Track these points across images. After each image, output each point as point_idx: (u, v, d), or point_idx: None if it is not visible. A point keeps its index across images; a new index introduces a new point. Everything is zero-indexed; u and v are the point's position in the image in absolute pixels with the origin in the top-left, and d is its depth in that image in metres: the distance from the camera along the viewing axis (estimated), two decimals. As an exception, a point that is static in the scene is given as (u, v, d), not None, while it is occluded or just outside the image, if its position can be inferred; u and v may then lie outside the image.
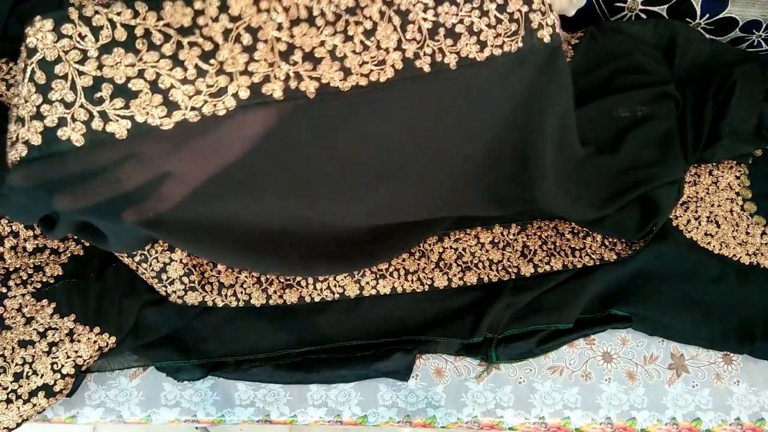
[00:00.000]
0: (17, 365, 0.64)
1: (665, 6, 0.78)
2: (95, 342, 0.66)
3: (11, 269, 0.68)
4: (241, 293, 0.70)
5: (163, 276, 0.67)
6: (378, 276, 0.73)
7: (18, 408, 0.63)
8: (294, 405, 0.72)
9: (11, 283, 0.67)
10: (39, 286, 0.68)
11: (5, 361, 0.64)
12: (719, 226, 0.78)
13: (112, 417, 0.70)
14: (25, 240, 0.69)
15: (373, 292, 0.72)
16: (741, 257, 0.77)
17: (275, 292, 0.71)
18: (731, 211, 0.79)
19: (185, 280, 0.68)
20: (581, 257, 0.75)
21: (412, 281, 0.73)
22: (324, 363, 0.71)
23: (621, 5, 0.81)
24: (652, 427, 0.72)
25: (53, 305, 0.66)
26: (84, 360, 0.66)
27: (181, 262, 0.67)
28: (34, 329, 0.65)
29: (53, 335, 0.65)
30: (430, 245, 0.75)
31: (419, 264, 0.74)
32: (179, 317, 0.70)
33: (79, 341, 0.66)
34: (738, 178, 0.80)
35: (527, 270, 0.74)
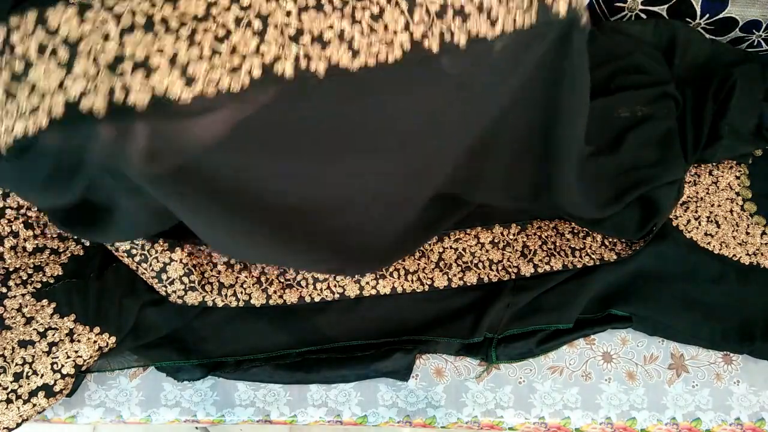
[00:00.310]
0: (17, 365, 0.64)
1: (665, 6, 0.78)
2: (95, 342, 0.66)
3: (11, 269, 0.68)
4: (241, 293, 0.70)
5: (163, 276, 0.67)
6: (378, 276, 0.73)
7: (18, 408, 0.63)
8: (294, 405, 0.72)
9: (11, 283, 0.67)
10: (39, 286, 0.68)
11: (5, 361, 0.64)
12: (719, 226, 0.78)
13: (112, 417, 0.70)
14: (25, 240, 0.69)
15: (373, 292, 0.72)
16: (741, 257, 0.77)
17: (275, 292, 0.71)
18: (731, 211, 0.79)
19: (185, 280, 0.68)
20: (581, 257, 0.75)
21: (412, 281, 0.73)
22: (324, 363, 0.71)
23: (621, 5, 0.81)
24: (652, 427, 0.72)
25: (53, 305, 0.66)
26: (84, 360, 0.66)
27: (181, 262, 0.67)
28: (34, 329, 0.65)
29: (53, 335, 0.65)
30: (430, 245, 0.75)
31: (419, 264, 0.74)
32: (179, 317, 0.70)
33: (79, 341, 0.66)
34: (738, 178, 0.80)
35: (527, 270, 0.74)
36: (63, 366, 0.65)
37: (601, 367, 0.74)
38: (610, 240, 0.77)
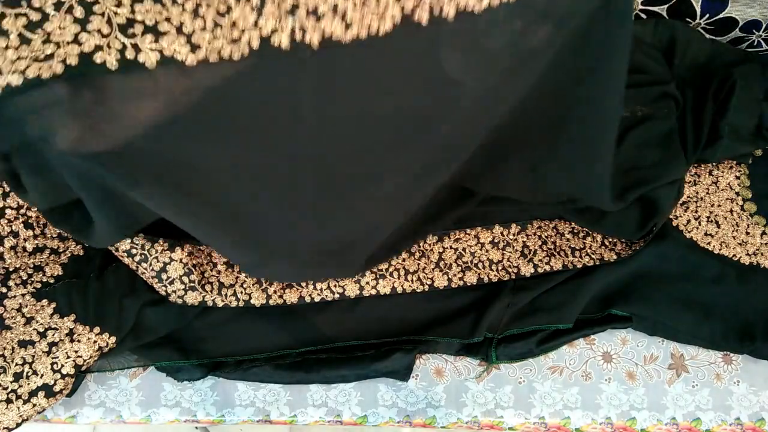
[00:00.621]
0: (17, 365, 0.64)
1: (665, 6, 0.78)
2: (95, 342, 0.66)
3: (11, 269, 0.68)
4: (241, 293, 0.70)
5: (163, 276, 0.67)
6: (378, 276, 0.73)
7: (18, 408, 0.63)
8: (294, 405, 0.72)
9: (11, 283, 0.67)
10: (39, 286, 0.68)
11: (5, 361, 0.64)
12: (719, 226, 0.78)
13: (112, 417, 0.70)
14: (25, 240, 0.69)
15: (373, 292, 0.72)
16: (741, 257, 0.77)
17: (275, 292, 0.71)
18: (731, 211, 0.79)
19: (185, 279, 0.68)
20: (581, 257, 0.75)
21: (412, 281, 0.73)
22: (324, 363, 0.71)
23: (621, 5, 0.81)
24: (652, 427, 0.72)
25: (53, 305, 0.66)
26: (84, 360, 0.66)
27: (181, 261, 0.67)
28: (34, 329, 0.65)
29: (53, 335, 0.65)
30: (430, 245, 0.75)
31: (419, 264, 0.74)
32: (179, 317, 0.70)
33: (79, 341, 0.66)
34: (738, 178, 0.80)
35: (527, 270, 0.74)
36: (63, 366, 0.65)
37: (601, 367, 0.74)
38: (610, 240, 0.77)
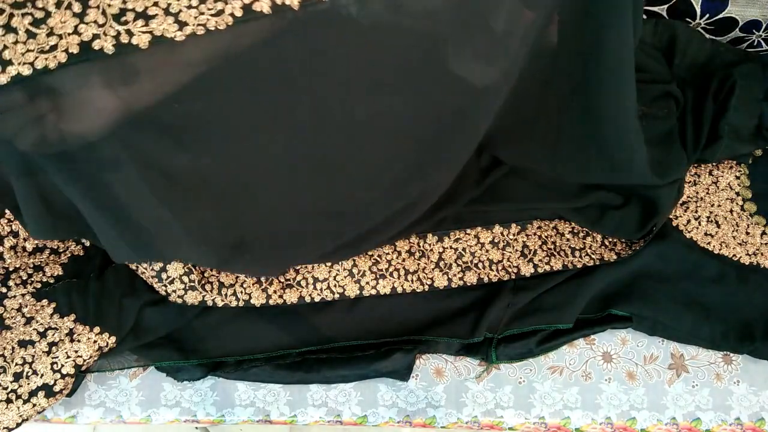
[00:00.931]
0: (17, 365, 0.64)
1: (665, 6, 0.78)
2: (95, 342, 0.66)
3: (11, 269, 0.68)
4: (241, 293, 0.70)
5: (163, 275, 0.67)
6: (378, 276, 0.73)
7: (18, 408, 0.63)
8: (294, 405, 0.72)
9: (11, 283, 0.67)
10: (39, 286, 0.68)
11: (5, 361, 0.64)
12: (719, 226, 0.78)
13: (112, 417, 0.70)
14: (25, 240, 0.69)
15: (373, 292, 0.72)
16: (741, 257, 0.77)
17: (275, 292, 0.71)
18: (731, 211, 0.79)
19: (185, 279, 0.68)
20: (581, 257, 0.75)
21: (412, 281, 0.73)
22: (324, 363, 0.71)
23: (621, 5, 0.81)
24: (652, 427, 0.72)
25: (53, 305, 0.66)
26: (84, 360, 0.66)
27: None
28: (34, 329, 0.65)
29: (53, 335, 0.65)
30: (430, 245, 0.75)
31: (419, 264, 0.74)
32: (179, 317, 0.70)
33: (79, 341, 0.66)
34: (738, 178, 0.80)
35: (527, 270, 0.74)
36: (63, 366, 0.65)
37: (601, 367, 0.74)
38: (610, 240, 0.77)
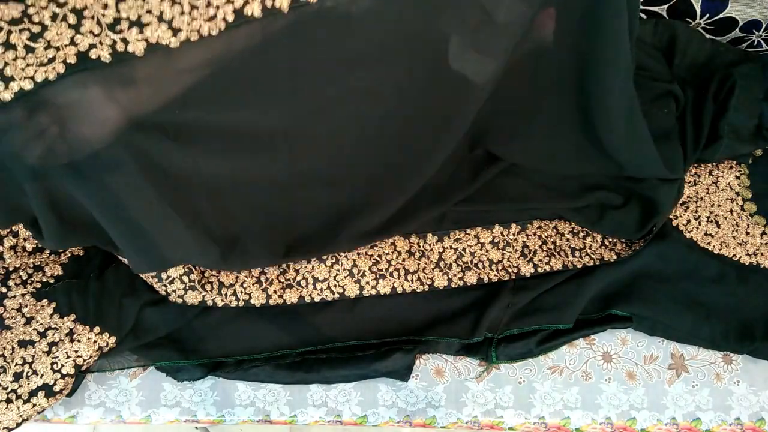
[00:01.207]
0: (17, 365, 0.64)
1: (665, 6, 0.78)
2: (95, 342, 0.66)
3: (11, 269, 0.68)
4: (241, 293, 0.70)
5: (163, 275, 0.67)
6: (378, 276, 0.73)
7: (18, 408, 0.63)
8: (294, 405, 0.72)
9: (11, 283, 0.67)
10: (39, 286, 0.68)
11: (5, 361, 0.64)
12: (719, 226, 0.78)
13: (112, 417, 0.70)
14: (25, 239, 0.69)
15: (373, 292, 0.72)
16: (741, 257, 0.77)
17: (275, 292, 0.71)
18: (731, 211, 0.79)
19: (185, 279, 0.68)
20: (581, 257, 0.75)
21: (412, 281, 0.73)
22: (324, 363, 0.71)
23: (621, 5, 0.81)
24: (652, 427, 0.72)
25: (53, 305, 0.66)
26: (84, 360, 0.66)
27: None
28: (34, 329, 0.65)
29: (53, 335, 0.65)
30: (430, 245, 0.75)
31: (419, 264, 0.74)
32: (179, 317, 0.70)
33: (79, 341, 0.66)
34: (738, 178, 0.80)
35: (527, 270, 0.74)
36: (63, 366, 0.65)
37: (601, 367, 0.74)
38: (610, 240, 0.77)
